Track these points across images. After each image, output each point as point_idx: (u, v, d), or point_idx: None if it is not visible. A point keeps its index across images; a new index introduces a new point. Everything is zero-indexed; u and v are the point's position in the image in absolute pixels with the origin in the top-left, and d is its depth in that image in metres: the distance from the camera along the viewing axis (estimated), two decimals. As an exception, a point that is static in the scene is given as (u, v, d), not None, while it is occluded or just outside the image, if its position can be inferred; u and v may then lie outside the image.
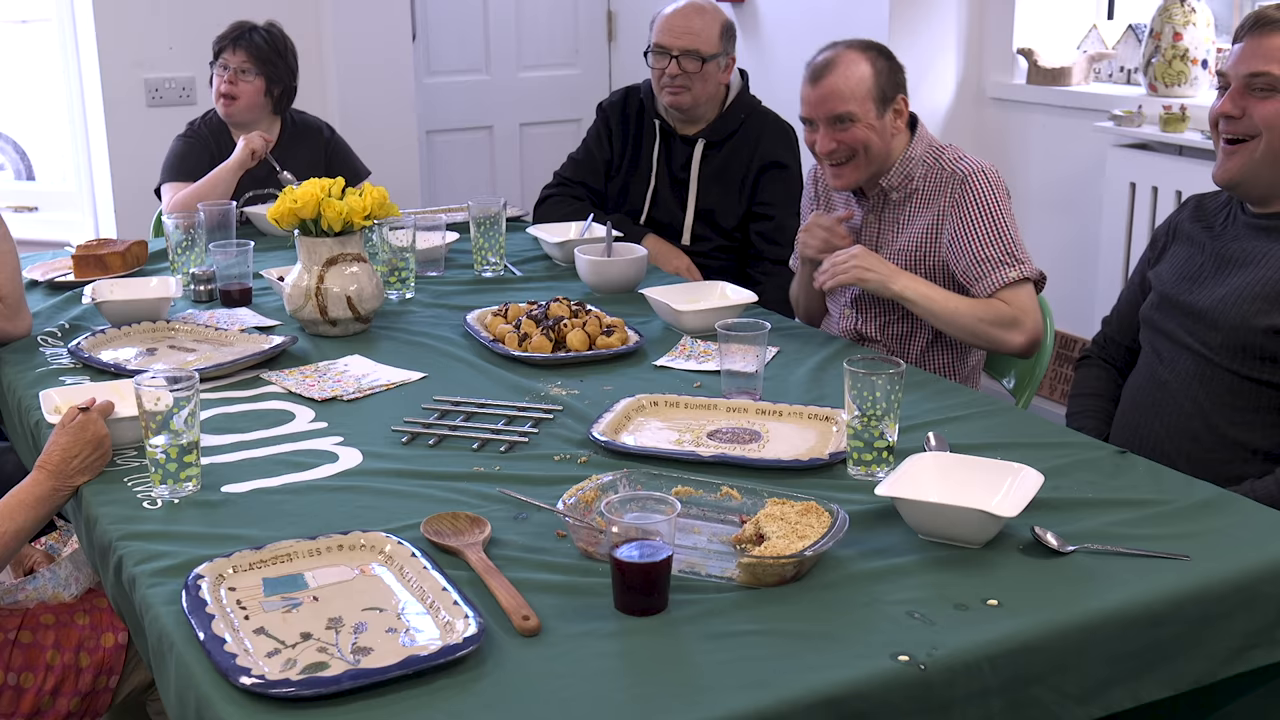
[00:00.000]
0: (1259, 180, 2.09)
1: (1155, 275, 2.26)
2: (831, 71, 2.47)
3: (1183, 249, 2.23)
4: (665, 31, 3.17)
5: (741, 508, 1.67)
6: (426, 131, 5.16)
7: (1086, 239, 4.01)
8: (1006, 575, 1.52)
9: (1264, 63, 2.03)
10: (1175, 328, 2.17)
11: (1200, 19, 3.76)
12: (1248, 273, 2.09)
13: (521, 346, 2.34)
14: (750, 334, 2.07)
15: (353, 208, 2.41)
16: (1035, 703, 1.40)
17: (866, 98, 2.47)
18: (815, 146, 2.53)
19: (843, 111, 2.47)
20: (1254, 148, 2.05)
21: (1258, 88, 2.04)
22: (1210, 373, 2.10)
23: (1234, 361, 2.08)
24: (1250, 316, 2.05)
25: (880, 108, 2.48)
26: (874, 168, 2.52)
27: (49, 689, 1.94)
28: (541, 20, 5.40)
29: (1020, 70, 4.28)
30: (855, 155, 2.50)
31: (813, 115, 2.51)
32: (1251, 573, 1.53)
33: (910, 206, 2.54)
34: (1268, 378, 2.06)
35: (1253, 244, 2.11)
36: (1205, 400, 2.10)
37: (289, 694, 1.27)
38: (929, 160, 2.53)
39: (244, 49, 3.47)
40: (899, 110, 2.51)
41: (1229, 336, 2.07)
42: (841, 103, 2.47)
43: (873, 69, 2.47)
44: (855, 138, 2.48)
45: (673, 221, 3.27)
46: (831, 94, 2.47)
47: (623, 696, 1.30)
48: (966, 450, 1.83)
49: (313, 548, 1.57)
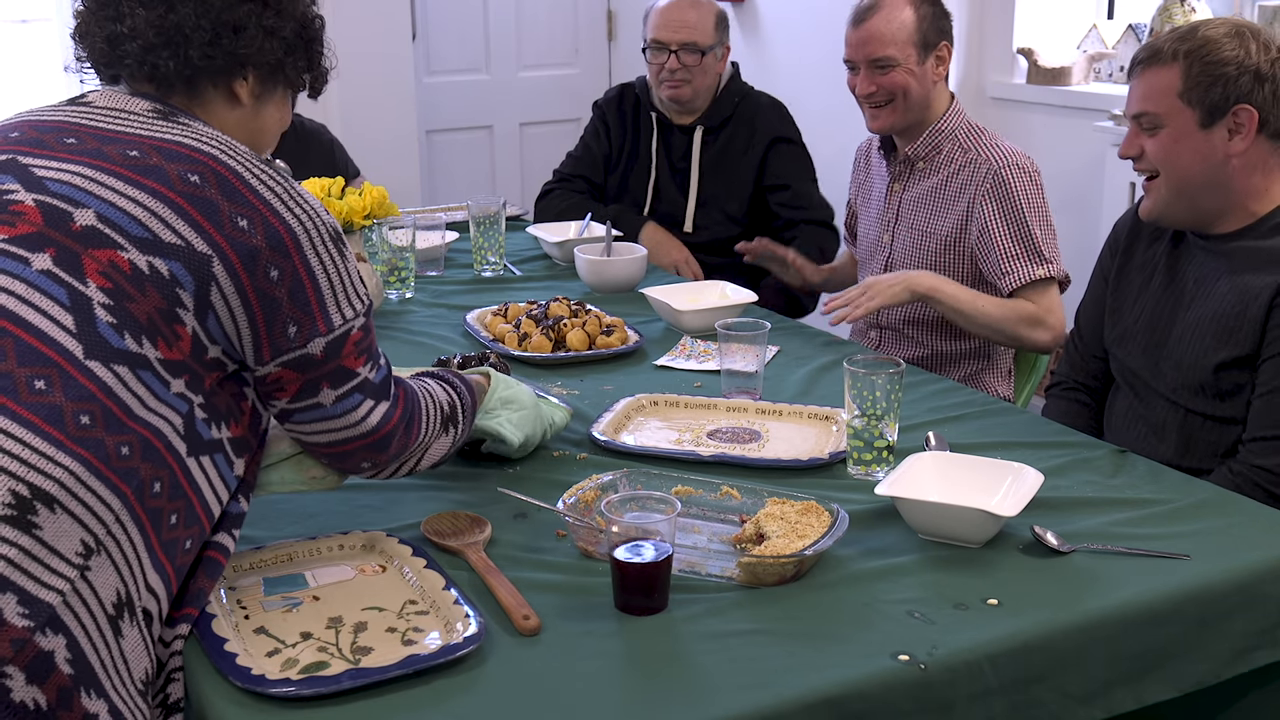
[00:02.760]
0: (1178, 213, 2.03)
1: (1113, 310, 2.17)
2: (874, 14, 2.51)
3: (1139, 275, 2.15)
4: (662, 26, 3.19)
5: (741, 507, 1.67)
6: (426, 131, 5.16)
7: (1086, 239, 4.01)
8: (1006, 575, 1.52)
9: (1140, 103, 2.00)
10: (1140, 367, 2.10)
11: (1200, 18, 3.76)
12: (1198, 307, 2.01)
13: (521, 346, 2.34)
14: (750, 334, 2.07)
15: (352, 207, 2.41)
16: (1037, 703, 1.39)
17: (908, 42, 2.50)
18: (855, 89, 2.56)
19: (883, 55, 2.50)
20: (1160, 185, 2.02)
21: (1145, 127, 2.00)
22: (1185, 419, 2.03)
23: (1195, 403, 2.01)
24: (1201, 355, 1.99)
25: (922, 53, 2.51)
26: (912, 114, 2.55)
27: None
28: (541, 20, 5.40)
29: (1020, 70, 4.28)
30: (894, 99, 2.53)
31: (853, 58, 2.55)
32: (1252, 573, 1.53)
33: (936, 183, 2.55)
34: (1231, 414, 1.98)
35: (1200, 271, 2.04)
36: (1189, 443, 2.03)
37: (289, 694, 1.27)
38: (962, 139, 2.55)
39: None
40: (941, 57, 2.55)
41: (1187, 377, 2.01)
42: (882, 46, 2.50)
43: (916, 14, 2.51)
44: (894, 82, 2.51)
45: (675, 211, 3.29)
46: (872, 37, 2.50)
47: (623, 696, 1.30)
48: (966, 450, 1.83)
49: (313, 547, 1.57)
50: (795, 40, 4.72)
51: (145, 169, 1.35)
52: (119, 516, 1.26)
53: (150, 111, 1.44)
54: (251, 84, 1.53)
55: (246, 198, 1.37)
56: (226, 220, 1.35)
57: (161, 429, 1.31)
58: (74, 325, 1.28)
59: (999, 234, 2.45)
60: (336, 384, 1.45)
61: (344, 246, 1.45)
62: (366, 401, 1.48)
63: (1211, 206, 2.01)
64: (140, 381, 1.30)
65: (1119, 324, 2.16)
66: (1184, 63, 1.95)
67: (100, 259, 1.30)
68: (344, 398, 1.46)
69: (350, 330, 1.44)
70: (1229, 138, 1.95)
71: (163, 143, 1.38)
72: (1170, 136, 1.98)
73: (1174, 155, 1.99)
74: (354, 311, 1.45)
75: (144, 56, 1.46)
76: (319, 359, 1.42)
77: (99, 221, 1.31)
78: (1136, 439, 2.08)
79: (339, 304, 1.43)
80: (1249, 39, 1.93)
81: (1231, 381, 1.97)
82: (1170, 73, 1.96)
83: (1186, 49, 1.95)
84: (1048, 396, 2.34)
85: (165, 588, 1.32)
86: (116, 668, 1.25)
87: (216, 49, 1.47)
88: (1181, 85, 1.95)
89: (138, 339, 1.30)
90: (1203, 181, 1.98)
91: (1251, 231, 1.99)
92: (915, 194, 2.60)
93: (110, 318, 1.29)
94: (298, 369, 1.42)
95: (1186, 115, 1.96)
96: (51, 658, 1.18)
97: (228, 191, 1.36)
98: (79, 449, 1.24)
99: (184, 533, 1.34)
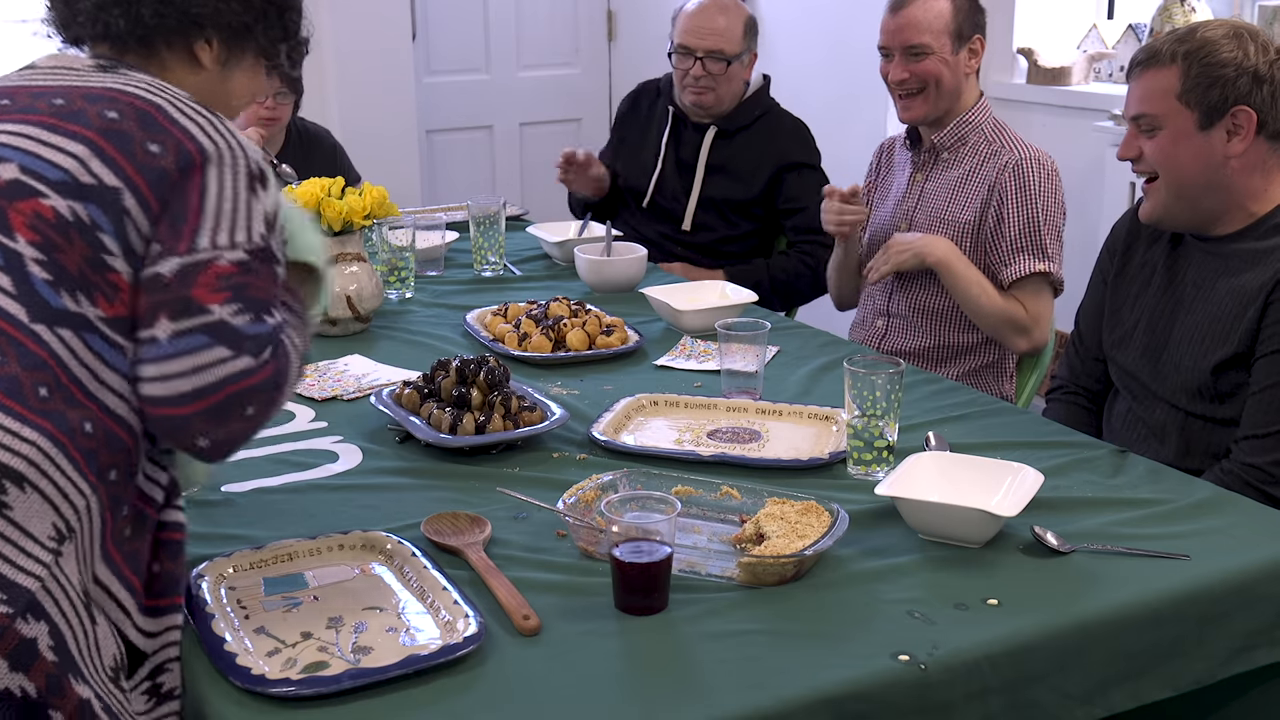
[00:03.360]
0: (1178, 215, 2.03)
1: (1112, 313, 2.17)
2: (912, 2, 2.55)
3: (1138, 278, 2.14)
4: (689, 32, 3.15)
5: (741, 507, 1.67)
6: (426, 131, 5.16)
7: (1086, 239, 4.00)
8: (1006, 575, 1.52)
9: (1139, 104, 2.00)
10: (1139, 371, 2.10)
11: (1200, 19, 3.77)
12: (1197, 310, 2.01)
13: (521, 346, 2.34)
14: (750, 334, 2.07)
15: (352, 207, 2.41)
16: (1036, 703, 1.40)
17: (943, 32, 2.53)
18: (888, 76, 2.59)
19: (918, 43, 2.54)
20: (1159, 187, 2.01)
21: (1143, 129, 2.00)
22: (1186, 422, 2.03)
23: (1194, 406, 2.01)
24: (1200, 358, 1.98)
25: (956, 44, 2.55)
26: (944, 104, 2.58)
27: None
28: (541, 20, 5.40)
29: (1020, 70, 4.28)
30: (926, 88, 2.56)
31: (889, 44, 2.58)
32: (1251, 573, 1.53)
33: (960, 173, 2.57)
34: (1231, 415, 1.97)
35: (1198, 273, 2.03)
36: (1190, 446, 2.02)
37: (289, 693, 1.27)
38: (989, 132, 2.58)
39: (278, 73, 3.41)
40: (974, 50, 2.58)
41: (1186, 380, 2.00)
42: (917, 34, 2.54)
43: (953, 5, 2.55)
44: (928, 70, 2.55)
45: (675, 207, 3.27)
46: (909, 24, 2.54)
47: (623, 696, 1.30)
48: (966, 450, 1.83)
49: (313, 547, 1.57)
50: (797, 41, 4.72)
51: (68, 114, 1.32)
52: (89, 504, 1.23)
53: (91, 66, 1.41)
54: (216, 49, 1.49)
55: (163, 125, 1.31)
56: (138, 148, 1.29)
57: (115, 408, 1.27)
58: (12, 286, 1.24)
59: (1011, 224, 2.49)
60: (177, 316, 1.26)
61: (259, 186, 1.34)
62: (218, 349, 1.26)
63: (1211, 208, 2.01)
64: (89, 349, 1.26)
65: (1118, 327, 2.16)
66: (1183, 64, 1.95)
67: (25, 211, 1.27)
68: (184, 335, 1.26)
69: (216, 260, 1.28)
70: (1228, 139, 1.95)
71: (90, 89, 1.35)
72: (1169, 138, 1.98)
73: (1173, 157, 1.99)
74: (230, 243, 1.29)
75: (96, 15, 1.44)
76: (166, 282, 1.27)
77: (21, 173, 1.28)
78: (1137, 442, 2.07)
79: (215, 230, 1.29)
80: (1247, 40, 1.93)
81: (1230, 383, 1.97)
82: (1169, 74, 1.96)
83: (1185, 50, 1.95)
84: (1048, 400, 2.33)
85: (118, 578, 1.28)
86: (92, 655, 1.23)
87: (169, 7, 1.43)
88: (1180, 87, 1.95)
89: (74, 296, 1.26)
90: (1202, 183, 1.98)
91: (1251, 233, 1.99)
92: (938, 184, 2.62)
93: (44, 274, 1.25)
94: (147, 290, 1.28)
95: (1185, 117, 1.96)
96: (35, 645, 1.16)
97: (145, 122, 1.31)
98: (43, 422, 1.21)
99: (131, 521, 1.31)
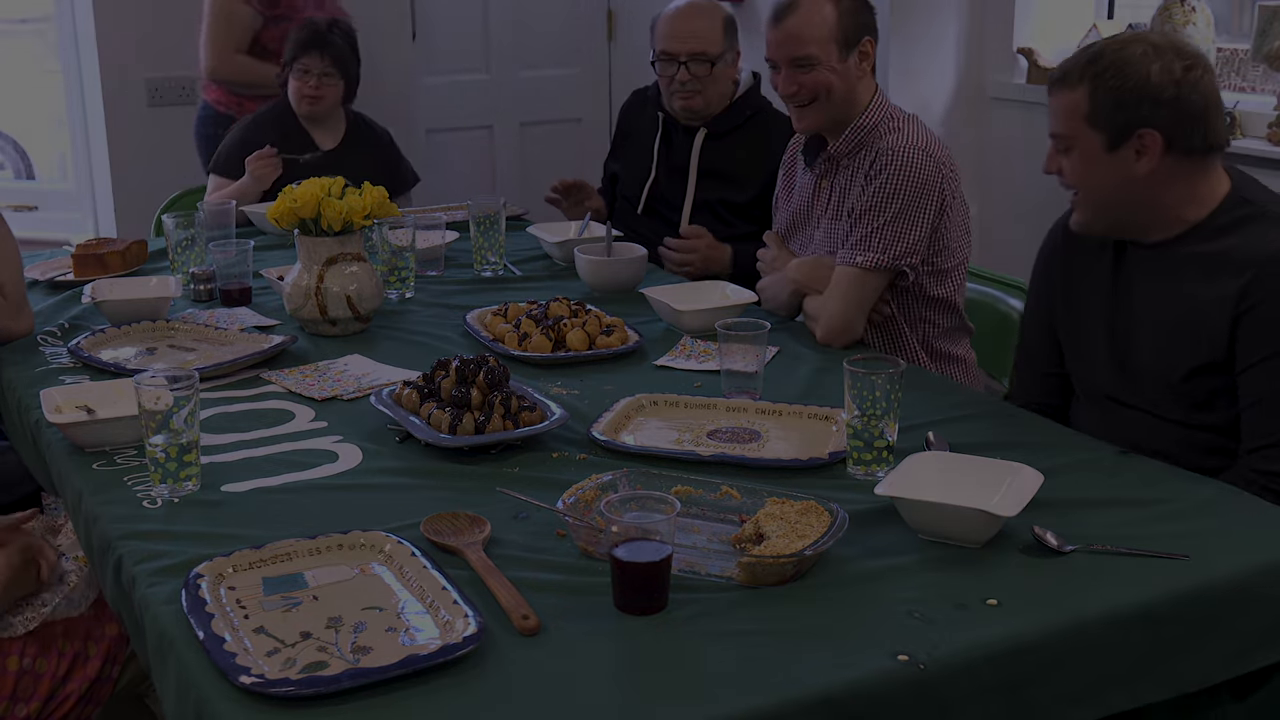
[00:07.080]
0: (1106, 227, 2.02)
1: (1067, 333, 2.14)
2: (793, 13, 2.45)
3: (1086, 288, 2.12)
4: (669, 37, 3.14)
5: (741, 507, 1.67)
6: (426, 131, 5.16)
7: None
8: (1006, 575, 1.52)
9: (1054, 123, 2.00)
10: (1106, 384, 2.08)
11: (1200, 19, 3.76)
12: (1156, 315, 1.99)
13: (521, 346, 2.34)
14: (750, 334, 2.07)
15: (352, 207, 2.42)
16: (1035, 703, 1.40)
17: (828, 40, 2.44)
18: (778, 87, 2.52)
19: (803, 55, 2.45)
20: (1082, 200, 2.02)
21: (1060, 148, 2.01)
22: (1161, 427, 2.01)
23: (1170, 413, 1.99)
24: (1169, 367, 1.97)
25: (843, 51, 2.46)
26: (837, 111, 2.50)
27: (61, 674, 1.97)
28: (541, 20, 5.39)
29: (1020, 70, 4.28)
30: (817, 98, 2.48)
31: (774, 57, 2.49)
32: (1251, 573, 1.53)
33: (858, 176, 2.51)
34: (1209, 421, 1.96)
35: (1149, 280, 2.02)
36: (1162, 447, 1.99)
37: (288, 693, 1.27)
38: (883, 131, 2.49)
39: (327, 53, 3.43)
40: (864, 53, 2.48)
41: (1157, 388, 1.99)
42: (801, 46, 2.44)
43: (836, 10, 2.44)
44: (817, 81, 2.46)
45: (670, 212, 3.27)
46: (792, 36, 2.45)
47: (623, 696, 1.30)
48: (966, 450, 1.83)
49: (313, 547, 1.57)
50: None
51: None
52: None
53: None
54: None
55: None
56: None
57: None
58: None
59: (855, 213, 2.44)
60: None
61: None
62: None
63: (1138, 219, 2.00)
64: None
65: (1077, 343, 2.14)
66: (1089, 86, 1.94)
67: None
68: None
69: None
70: (1136, 159, 1.94)
71: None
72: (1080, 159, 1.98)
73: (1086, 176, 1.99)
74: None
75: None
76: None
77: None
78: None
79: None
80: (1152, 59, 1.90)
81: (1205, 389, 1.95)
82: (1078, 95, 1.96)
83: (1093, 73, 1.94)
84: None
85: None
86: None
87: None
88: (1088, 108, 1.95)
89: None
90: (1120, 198, 1.98)
91: (1194, 235, 1.97)
92: (839, 185, 2.56)
93: None
94: None
95: (1093, 138, 1.96)
96: None
97: None
98: None
99: None
